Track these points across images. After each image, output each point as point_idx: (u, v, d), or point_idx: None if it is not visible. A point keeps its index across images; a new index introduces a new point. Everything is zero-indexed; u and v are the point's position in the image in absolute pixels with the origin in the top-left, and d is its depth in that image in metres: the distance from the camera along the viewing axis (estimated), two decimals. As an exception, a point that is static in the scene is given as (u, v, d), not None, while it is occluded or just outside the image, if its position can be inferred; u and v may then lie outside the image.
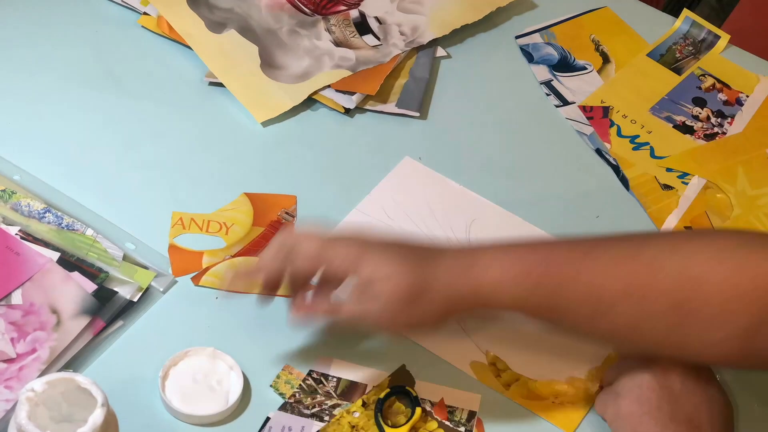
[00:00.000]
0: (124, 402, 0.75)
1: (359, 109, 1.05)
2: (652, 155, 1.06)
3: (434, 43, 1.12)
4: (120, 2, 1.11)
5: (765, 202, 1.04)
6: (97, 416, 0.68)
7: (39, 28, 1.08)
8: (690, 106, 1.11)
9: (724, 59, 1.17)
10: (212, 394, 0.82)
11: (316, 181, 0.99)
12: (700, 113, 1.10)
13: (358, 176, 1.00)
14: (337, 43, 1.09)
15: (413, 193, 0.99)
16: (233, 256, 0.91)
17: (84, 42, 1.06)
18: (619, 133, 1.07)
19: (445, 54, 1.13)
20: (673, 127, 1.09)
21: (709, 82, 1.13)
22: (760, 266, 0.75)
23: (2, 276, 0.86)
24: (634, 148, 1.06)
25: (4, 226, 0.89)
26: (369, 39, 1.11)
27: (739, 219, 1.01)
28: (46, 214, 0.91)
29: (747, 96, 1.13)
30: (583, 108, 1.09)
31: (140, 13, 1.10)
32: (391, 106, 1.06)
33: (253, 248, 0.92)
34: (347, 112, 1.05)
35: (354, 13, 1.13)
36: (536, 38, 1.15)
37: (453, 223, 0.97)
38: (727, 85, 1.14)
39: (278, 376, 0.84)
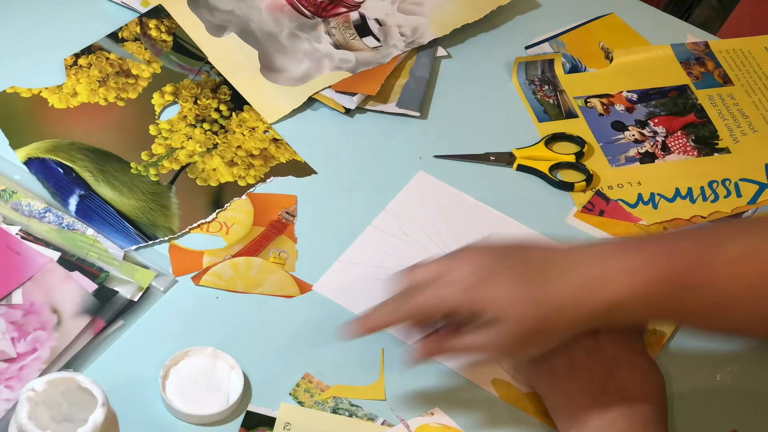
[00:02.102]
0: (125, 401, 0.75)
1: (359, 108, 1.05)
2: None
3: (435, 42, 1.12)
4: (120, 3, 1.11)
5: None
6: (98, 416, 0.68)
7: (39, 28, 1.08)
8: (621, 135, 1.07)
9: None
10: (213, 394, 0.82)
11: (316, 180, 0.99)
12: (634, 135, 1.07)
13: (359, 176, 1.00)
14: (337, 46, 1.09)
15: (429, 209, 0.98)
16: (234, 256, 0.91)
17: (84, 42, 1.06)
18: None
19: (446, 54, 1.12)
20: (640, 163, 1.04)
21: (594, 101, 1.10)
22: None
23: (3, 275, 0.86)
24: None
25: (4, 226, 0.89)
26: (369, 41, 1.10)
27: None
28: (47, 214, 0.91)
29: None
30: None
31: (140, 14, 1.10)
32: (391, 106, 1.06)
33: (253, 248, 0.92)
34: (347, 111, 1.05)
35: (354, 15, 1.13)
36: (546, 48, 1.15)
37: (469, 238, 0.95)
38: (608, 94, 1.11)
39: (298, 384, 0.84)
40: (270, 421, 0.82)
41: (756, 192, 1.02)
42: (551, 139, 1.05)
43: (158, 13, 1.10)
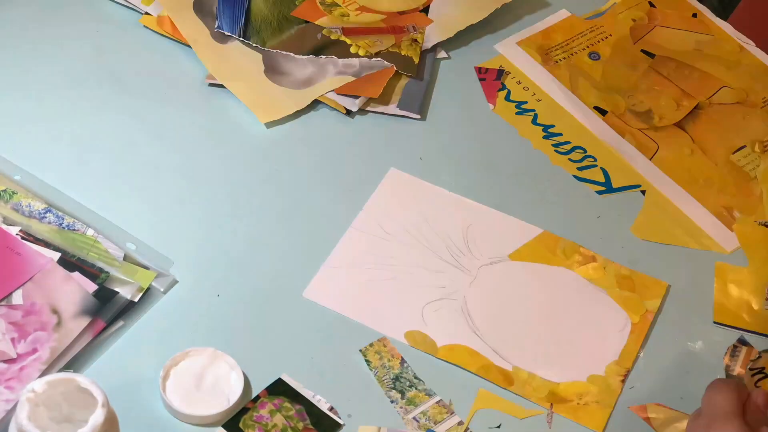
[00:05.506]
0: (125, 402, 0.75)
1: (360, 110, 1.05)
2: (534, 122, 1.07)
3: (435, 44, 1.12)
4: (121, 2, 1.11)
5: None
6: (98, 416, 0.68)
7: (40, 28, 1.08)
8: None
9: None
10: (213, 395, 0.82)
11: (317, 181, 0.99)
12: None
13: (359, 177, 1.00)
14: (341, 51, 1.09)
15: (406, 205, 0.98)
16: None
17: (85, 41, 1.06)
18: (507, 98, 1.09)
19: (446, 56, 1.13)
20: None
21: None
22: None
23: (3, 276, 0.86)
24: (517, 113, 1.07)
25: (4, 226, 0.89)
26: (372, 45, 1.11)
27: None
28: (47, 214, 0.91)
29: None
30: (479, 69, 1.11)
31: (142, 13, 1.10)
32: (392, 108, 1.06)
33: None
34: (348, 113, 1.05)
35: (357, 18, 1.13)
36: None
37: (450, 231, 0.96)
38: None
39: (371, 344, 0.85)
40: (270, 422, 0.82)
41: None
42: None
43: None
